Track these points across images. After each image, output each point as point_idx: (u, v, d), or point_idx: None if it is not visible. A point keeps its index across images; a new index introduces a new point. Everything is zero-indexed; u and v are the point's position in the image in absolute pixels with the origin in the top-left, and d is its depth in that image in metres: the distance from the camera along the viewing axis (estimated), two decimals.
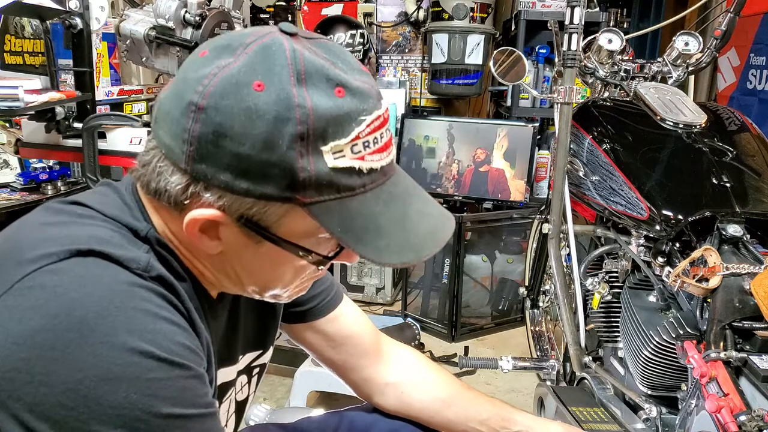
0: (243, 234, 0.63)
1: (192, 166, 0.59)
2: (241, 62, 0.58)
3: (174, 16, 1.87)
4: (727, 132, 1.61)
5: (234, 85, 0.57)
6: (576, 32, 1.62)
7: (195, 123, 0.58)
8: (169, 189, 0.61)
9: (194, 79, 0.59)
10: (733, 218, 1.34)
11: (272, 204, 0.60)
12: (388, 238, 0.63)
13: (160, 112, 0.62)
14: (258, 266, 0.68)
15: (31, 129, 1.90)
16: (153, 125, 0.63)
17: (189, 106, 0.58)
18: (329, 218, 0.60)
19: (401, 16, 3.51)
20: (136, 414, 0.54)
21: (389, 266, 0.55)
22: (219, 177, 0.58)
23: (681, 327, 1.27)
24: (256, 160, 0.57)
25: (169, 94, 0.61)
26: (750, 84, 2.91)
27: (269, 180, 0.58)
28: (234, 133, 0.57)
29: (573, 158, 1.79)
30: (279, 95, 0.57)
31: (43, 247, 0.60)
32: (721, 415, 1.04)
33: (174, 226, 0.67)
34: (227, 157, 0.57)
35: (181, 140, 0.59)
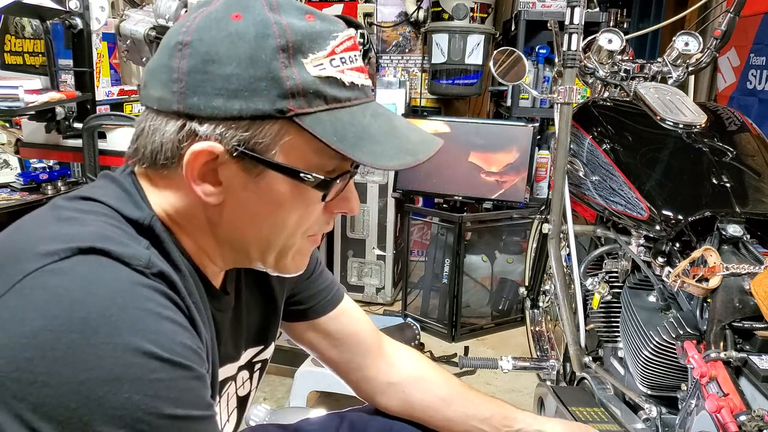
0: (241, 170, 0.64)
1: (185, 102, 0.61)
2: (217, 4, 0.64)
3: (174, 16, 1.87)
4: (727, 132, 1.61)
5: (214, 20, 0.62)
6: (576, 32, 1.62)
7: (182, 60, 0.61)
8: (164, 142, 0.63)
9: (176, 27, 0.64)
10: (733, 218, 1.34)
11: (266, 123, 0.62)
12: (382, 145, 0.65)
13: (148, 73, 0.65)
14: (261, 211, 0.68)
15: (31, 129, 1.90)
16: (142, 93, 0.66)
17: (175, 46, 0.62)
18: (322, 128, 0.62)
19: (401, 16, 3.51)
20: (138, 415, 0.54)
21: (387, 169, 0.56)
22: (211, 104, 0.61)
23: (681, 327, 1.27)
24: (245, 77, 0.60)
25: (154, 56, 0.66)
26: (750, 84, 2.91)
27: (259, 94, 0.61)
28: (220, 57, 0.60)
29: (573, 158, 1.79)
30: (256, 19, 0.62)
31: (45, 245, 0.59)
32: (721, 415, 1.04)
33: (174, 198, 0.67)
34: (217, 81, 0.60)
35: (171, 82, 0.62)
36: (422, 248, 3.45)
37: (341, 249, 3.36)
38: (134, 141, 0.67)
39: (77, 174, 3.18)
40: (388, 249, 3.29)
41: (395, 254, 3.31)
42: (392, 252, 3.29)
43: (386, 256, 3.30)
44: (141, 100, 0.67)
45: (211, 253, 0.72)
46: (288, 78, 0.61)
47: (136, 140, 0.67)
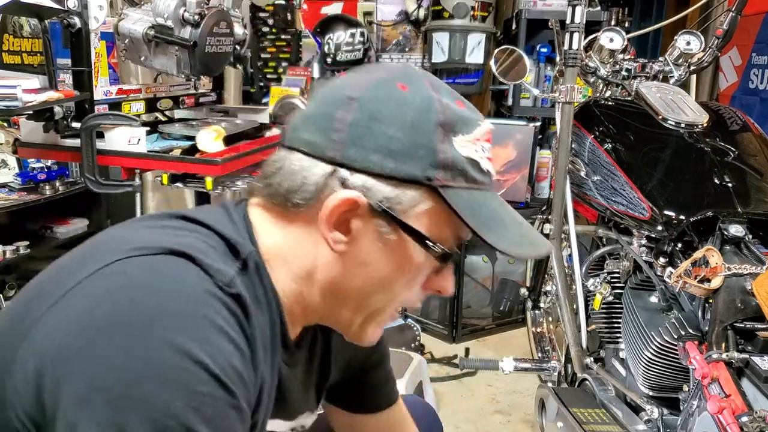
0: (374, 226, 0.67)
1: (342, 151, 0.65)
2: (382, 72, 0.70)
3: (173, 15, 1.86)
4: (729, 132, 1.60)
5: (382, 84, 0.67)
6: (577, 31, 1.62)
7: (348, 112, 0.65)
8: (307, 182, 0.66)
9: (342, 82, 0.69)
10: (735, 218, 1.34)
11: (411, 187, 0.65)
12: (509, 230, 0.70)
13: (303, 118, 0.69)
14: (376, 268, 0.69)
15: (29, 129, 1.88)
16: (290, 135, 0.69)
17: (343, 99, 0.66)
18: (460, 203, 0.67)
19: (401, 15, 3.50)
20: (170, 422, 0.53)
21: (509, 254, 0.61)
22: (368, 158, 0.64)
23: (683, 328, 1.27)
24: (404, 141, 0.65)
25: (311, 104, 0.70)
26: (752, 83, 2.91)
27: (413, 159, 0.65)
28: (386, 117, 0.65)
29: (574, 158, 1.78)
30: (421, 93, 0.67)
31: (140, 242, 0.62)
32: (723, 416, 1.03)
33: (291, 237, 0.69)
34: (378, 138, 0.64)
35: (331, 130, 0.65)
36: None
37: None
38: (268, 176, 0.69)
39: (75, 174, 3.18)
40: None
41: None
42: None
43: None
44: (285, 140, 0.70)
45: (304, 299, 0.72)
46: (441, 151, 0.65)
47: (270, 176, 0.69)
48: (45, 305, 0.59)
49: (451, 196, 0.66)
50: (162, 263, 0.60)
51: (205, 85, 2.54)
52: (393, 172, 0.64)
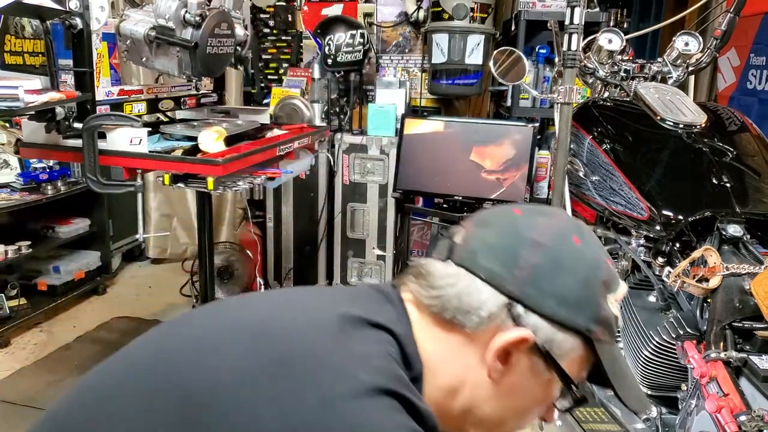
0: (530, 362, 0.72)
1: (522, 289, 0.70)
2: (558, 222, 0.76)
3: (174, 16, 1.86)
4: (727, 132, 1.61)
5: (563, 235, 0.74)
6: (576, 32, 1.62)
7: (533, 255, 0.71)
8: (480, 308, 0.70)
9: (528, 225, 0.74)
10: (733, 218, 1.34)
11: (572, 335, 0.71)
12: (631, 388, 0.78)
13: (484, 245, 0.73)
14: (519, 399, 0.75)
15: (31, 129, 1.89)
16: (466, 256, 0.73)
17: (530, 241, 0.72)
18: (605, 357, 0.73)
19: (401, 16, 3.50)
20: None
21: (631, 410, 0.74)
22: (544, 301, 0.70)
23: (681, 327, 1.27)
24: (578, 293, 0.71)
25: (491, 234, 0.74)
26: (750, 84, 2.91)
27: (581, 311, 0.71)
28: (565, 268, 0.71)
29: (573, 158, 1.79)
30: (592, 251, 0.75)
31: (361, 371, 0.64)
32: (721, 415, 1.04)
33: (446, 351, 0.73)
34: (556, 286, 0.70)
35: (515, 267, 0.70)
36: (422, 248, 3.44)
37: (341, 249, 3.36)
38: (436, 288, 0.73)
39: (77, 174, 3.18)
40: (388, 249, 3.29)
41: (395, 254, 3.31)
42: (392, 252, 3.29)
43: (386, 256, 3.30)
44: (457, 257, 0.73)
45: (440, 410, 0.74)
46: (602, 307, 0.72)
47: (440, 288, 0.73)
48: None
49: (600, 350, 0.73)
50: (376, 413, 0.63)
51: (207, 86, 2.55)
52: (563, 319, 0.70)
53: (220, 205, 3.81)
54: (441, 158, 3.02)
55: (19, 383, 2.53)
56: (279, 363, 0.65)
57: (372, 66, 3.52)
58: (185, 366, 0.67)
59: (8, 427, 2.25)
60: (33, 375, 2.60)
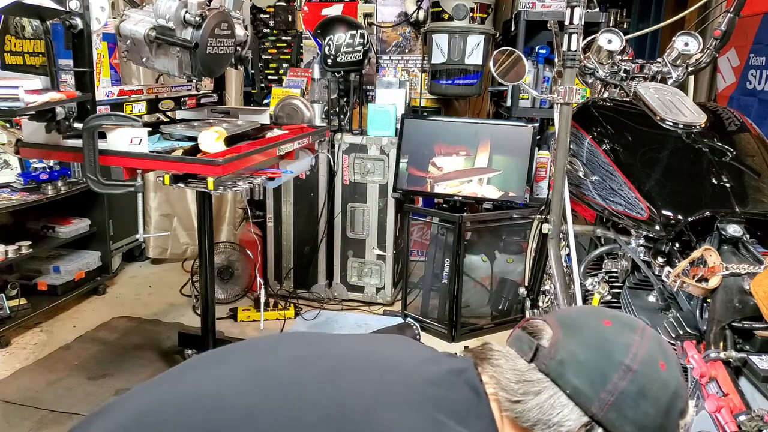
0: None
1: (605, 412, 0.72)
2: (647, 343, 0.76)
3: (174, 16, 1.86)
4: (727, 132, 1.61)
5: (652, 361, 0.74)
6: (576, 32, 1.62)
7: (622, 380, 0.72)
8: (561, 425, 0.72)
9: (620, 346, 0.75)
10: (732, 218, 1.34)
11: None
12: None
13: (575, 362, 0.75)
14: None
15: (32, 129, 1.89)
16: (553, 365, 0.75)
17: (621, 365, 0.73)
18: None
19: (401, 17, 3.51)
20: None
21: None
22: (624, 427, 0.72)
23: (681, 327, 1.27)
24: (656, 422, 0.72)
25: (583, 351, 0.75)
26: (750, 84, 2.91)
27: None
28: (649, 396, 0.72)
29: (573, 158, 1.79)
30: (675, 375, 0.75)
31: None
32: (721, 414, 1.04)
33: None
34: (638, 414, 0.72)
35: (602, 390, 0.72)
36: (422, 248, 3.45)
37: (341, 249, 3.36)
38: (524, 394, 0.75)
39: (77, 174, 3.19)
40: (388, 249, 3.29)
41: (395, 254, 3.31)
42: (392, 252, 3.29)
43: (386, 256, 3.30)
44: (546, 368, 0.75)
45: None
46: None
47: (523, 394, 0.75)
48: None
49: None
50: None
51: (207, 86, 2.55)
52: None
53: (220, 205, 3.82)
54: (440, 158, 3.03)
55: (19, 383, 2.53)
56: None
57: (372, 66, 3.52)
58: None
59: (8, 426, 2.25)
60: (33, 375, 2.60)
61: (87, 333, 3.00)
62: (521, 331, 0.80)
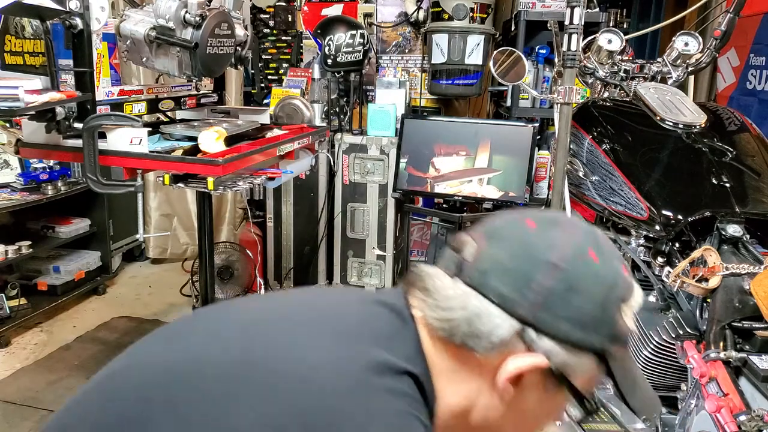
0: (543, 384, 0.71)
1: (535, 313, 0.68)
2: (575, 237, 0.72)
3: (174, 16, 1.86)
4: (727, 132, 1.61)
5: (579, 253, 0.70)
6: (576, 32, 1.62)
7: (548, 279, 0.68)
8: (491, 333, 0.68)
9: (543, 245, 0.71)
10: (732, 218, 1.34)
11: (587, 356, 0.70)
12: (642, 393, 0.77)
13: (497, 265, 0.70)
14: (533, 415, 0.75)
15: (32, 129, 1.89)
16: (476, 276, 0.70)
17: (545, 264, 0.69)
18: (618, 372, 0.72)
19: (401, 17, 3.51)
20: None
21: (643, 416, 0.75)
22: (557, 325, 0.68)
23: (681, 327, 1.27)
24: (593, 315, 0.69)
25: (505, 256, 0.71)
26: (750, 84, 2.91)
27: (597, 332, 0.69)
28: (581, 290, 0.68)
29: (573, 158, 1.79)
30: (610, 267, 0.71)
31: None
32: (721, 414, 1.04)
33: (456, 375, 0.72)
34: (571, 309, 0.68)
35: (528, 290, 0.68)
36: (422, 248, 3.45)
37: (341, 249, 3.36)
38: (450, 310, 0.70)
39: (77, 174, 3.19)
40: (388, 249, 3.29)
41: (395, 254, 3.31)
42: (392, 252, 3.29)
43: (386, 256, 3.30)
44: (470, 279, 0.70)
45: (447, 426, 0.74)
46: (618, 325, 0.70)
47: (448, 310, 0.70)
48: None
49: (614, 366, 0.72)
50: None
51: (207, 86, 2.55)
52: (577, 342, 0.69)
53: (220, 205, 3.82)
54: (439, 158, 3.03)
55: (19, 383, 2.53)
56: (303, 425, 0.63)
57: (372, 66, 3.52)
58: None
59: (8, 426, 2.25)
60: (33, 375, 2.60)
61: (87, 333, 3.00)
62: (447, 249, 0.76)
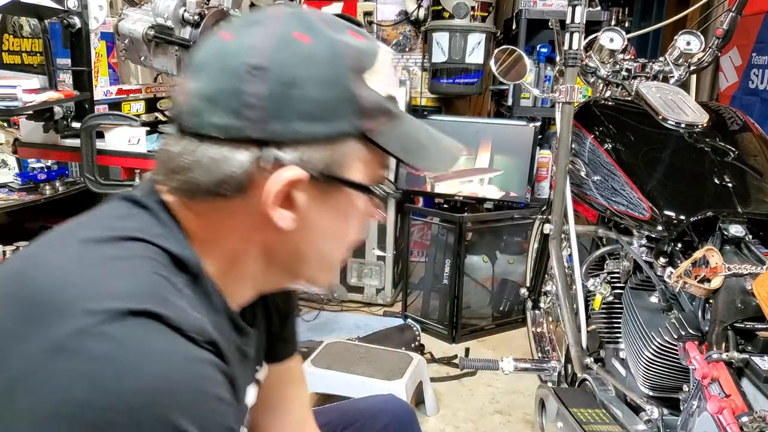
0: (318, 192, 0.65)
1: (265, 129, 0.60)
2: (276, 26, 0.63)
3: (173, 15, 1.86)
4: (729, 132, 1.60)
5: (284, 41, 0.61)
6: (577, 31, 1.61)
7: (259, 84, 0.59)
8: (234, 171, 0.61)
9: (238, 50, 0.61)
10: (735, 218, 1.33)
11: (345, 143, 0.64)
12: (431, 151, 0.70)
13: (203, 100, 0.61)
14: (329, 229, 0.69)
15: (30, 129, 1.89)
16: (193, 121, 0.61)
17: (248, 70, 0.59)
18: (391, 143, 0.66)
19: (401, 15, 3.50)
20: None
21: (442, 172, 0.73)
22: (294, 128, 0.60)
23: (683, 328, 1.27)
24: (325, 100, 0.61)
25: (207, 83, 0.61)
26: (752, 83, 2.90)
27: (340, 115, 0.62)
28: (299, 80, 0.60)
29: (574, 158, 1.78)
30: (324, 40, 0.62)
31: (92, 301, 0.54)
32: (723, 416, 1.03)
33: (226, 230, 0.66)
34: (298, 105, 0.60)
35: (245, 108, 0.59)
36: (422, 249, 3.44)
37: None
38: (179, 172, 0.62)
39: (75, 174, 3.18)
40: (388, 249, 3.28)
41: (395, 255, 3.30)
42: (392, 252, 3.28)
43: (386, 257, 3.29)
44: (190, 127, 0.62)
45: (255, 280, 0.70)
46: (361, 97, 0.63)
47: (182, 172, 0.62)
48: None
49: (380, 139, 0.65)
50: (128, 334, 0.53)
51: None
52: (324, 135, 0.62)
53: None
54: None
55: None
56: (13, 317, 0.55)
57: None
58: None
59: None
60: None
61: None
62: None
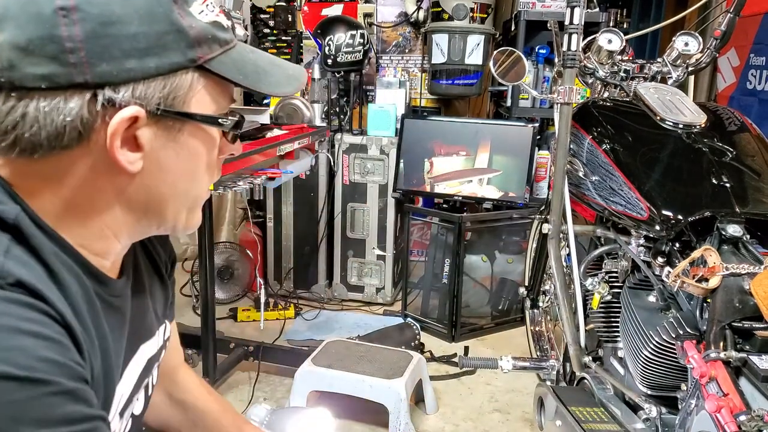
0: (161, 129, 0.64)
1: (92, 71, 0.57)
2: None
3: None
4: (727, 132, 1.61)
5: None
6: (576, 32, 1.62)
7: (73, 26, 0.56)
8: (68, 121, 0.58)
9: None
10: (732, 218, 1.34)
11: (180, 76, 0.62)
12: (274, 76, 0.71)
13: (15, 50, 0.56)
14: (181, 166, 0.68)
15: None
16: (10, 75, 0.56)
17: (56, 12, 0.56)
18: (227, 70, 0.66)
19: (401, 17, 3.51)
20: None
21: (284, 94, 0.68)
22: (125, 67, 0.58)
23: (681, 327, 1.27)
24: (151, 33, 0.59)
25: (16, 32, 0.56)
26: (750, 84, 2.91)
27: (170, 48, 0.61)
28: (118, 16, 0.58)
29: (573, 158, 1.79)
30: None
31: None
32: (721, 415, 1.04)
33: (67, 184, 0.62)
34: (123, 42, 0.58)
35: (65, 53, 0.56)
36: (422, 248, 3.45)
37: (341, 249, 3.36)
38: (12, 131, 0.57)
39: None
40: (388, 249, 3.29)
41: (395, 254, 3.31)
42: (392, 252, 3.29)
43: (386, 256, 3.30)
44: (9, 84, 0.56)
45: (116, 230, 0.68)
46: (189, 27, 0.62)
47: (15, 129, 0.57)
48: None
49: (216, 66, 0.65)
50: None
51: None
52: (157, 70, 0.60)
53: (220, 205, 3.81)
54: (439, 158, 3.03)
55: None
56: None
57: (372, 66, 3.52)
58: None
59: None
60: None
61: None
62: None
